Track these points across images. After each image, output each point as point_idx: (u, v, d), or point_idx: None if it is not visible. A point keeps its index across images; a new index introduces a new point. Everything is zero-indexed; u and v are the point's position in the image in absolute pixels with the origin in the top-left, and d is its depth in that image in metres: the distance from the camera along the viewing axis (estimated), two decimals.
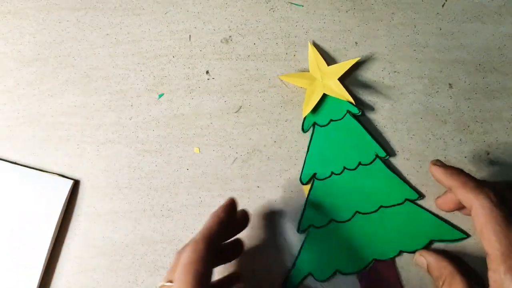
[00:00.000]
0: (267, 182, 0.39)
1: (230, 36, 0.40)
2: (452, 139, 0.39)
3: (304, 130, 0.39)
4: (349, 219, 0.37)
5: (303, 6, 0.40)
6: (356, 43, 0.40)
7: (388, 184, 0.37)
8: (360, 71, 0.39)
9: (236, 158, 0.39)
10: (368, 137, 0.38)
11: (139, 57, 0.41)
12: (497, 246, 0.29)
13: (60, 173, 0.39)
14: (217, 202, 0.39)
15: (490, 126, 0.39)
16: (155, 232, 0.38)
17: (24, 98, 0.41)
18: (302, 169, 0.38)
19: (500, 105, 0.39)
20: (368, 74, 0.39)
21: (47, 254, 0.38)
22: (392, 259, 0.37)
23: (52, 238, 0.38)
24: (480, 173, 0.38)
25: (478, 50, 0.39)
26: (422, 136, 0.39)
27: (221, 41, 0.40)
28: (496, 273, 0.29)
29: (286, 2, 0.40)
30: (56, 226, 0.38)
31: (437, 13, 0.40)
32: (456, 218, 0.37)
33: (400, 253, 0.36)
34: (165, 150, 0.39)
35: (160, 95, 0.40)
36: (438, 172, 0.34)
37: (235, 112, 0.40)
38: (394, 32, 0.40)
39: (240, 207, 0.39)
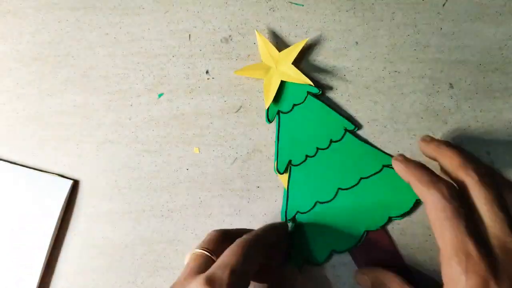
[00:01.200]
0: (267, 182, 0.39)
1: (230, 36, 0.40)
2: (453, 139, 0.38)
3: (269, 121, 0.39)
4: (333, 198, 0.37)
5: (303, 5, 0.40)
6: (356, 42, 0.40)
7: (363, 155, 0.38)
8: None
9: (236, 158, 0.39)
10: (334, 113, 0.38)
11: (138, 56, 0.40)
12: (448, 240, 0.28)
13: (59, 173, 0.39)
14: (217, 202, 0.39)
15: (491, 126, 0.38)
16: (155, 232, 0.38)
17: (23, 98, 0.40)
18: (276, 159, 0.38)
19: (501, 105, 0.39)
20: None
21: (46, 254, 0.38)
22: (383, 228, 0.37)
23: (52, 238, 0.38)
24: None
25: (479, 50, 0.39)
26: None
27: (221, 41, 0.40)
28: (448, 267, 0.28)
29: (286, 2, 0.40)
30: (56, 226, 0.38)
31: (438, 13, 0.39)
32: None
33: (390, 219, 0.37)
34: (165, 150, 0.39)
35: (160, 95, 0.40)
36: (399, 167, 0.33)
37: (235, 112, 0.39)
38: (394, 32, 0.39)
39: (240, 207, 0.39)
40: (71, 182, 0.38)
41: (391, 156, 0.38)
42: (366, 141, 0.38)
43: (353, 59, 0.39)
